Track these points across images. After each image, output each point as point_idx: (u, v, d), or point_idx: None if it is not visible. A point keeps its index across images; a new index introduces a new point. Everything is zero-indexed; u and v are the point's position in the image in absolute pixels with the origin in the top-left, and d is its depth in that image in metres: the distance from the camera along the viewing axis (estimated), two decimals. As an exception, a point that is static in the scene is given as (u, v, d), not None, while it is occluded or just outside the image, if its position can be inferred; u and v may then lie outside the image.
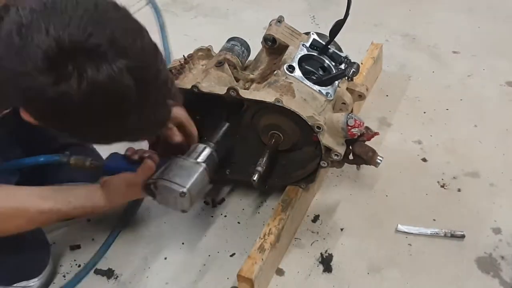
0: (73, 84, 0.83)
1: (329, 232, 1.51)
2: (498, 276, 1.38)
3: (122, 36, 0.85)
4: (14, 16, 0.85)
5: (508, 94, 1.93)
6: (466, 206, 1.56)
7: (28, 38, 0.82)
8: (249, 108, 1.38)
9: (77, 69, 0.82)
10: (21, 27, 0.84)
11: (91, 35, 0.82)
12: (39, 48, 0.82)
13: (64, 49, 0.82)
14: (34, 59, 0.82)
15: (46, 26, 0.82)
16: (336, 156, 1.35)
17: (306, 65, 1.46)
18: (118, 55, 0.84)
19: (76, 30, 0.82)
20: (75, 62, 0.82)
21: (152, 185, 1.21)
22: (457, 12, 2.35)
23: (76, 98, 0.83)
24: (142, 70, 0.87)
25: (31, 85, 0.84)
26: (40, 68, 0.82)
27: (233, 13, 2.47)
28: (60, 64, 0.82)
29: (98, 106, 0.86)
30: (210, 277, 1.42)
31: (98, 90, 0.84)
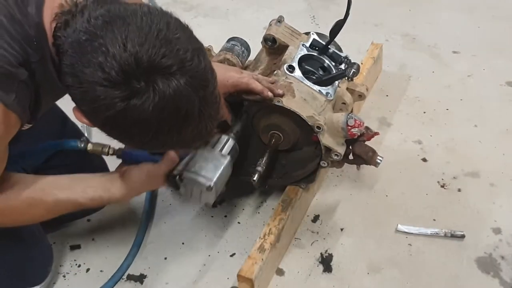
0: (145, 100, 0.87)
1: (329, 232, 1.51)
2: (498, 276, 1.38)
3: (189, 56, 0.89)
4: (84, 24, 0.89)
5: (508, 94, 1.94)
6: (466, 206, 1.56)
7: (102, 48, 0.85)
8: (249, 108, 1.38)
9: (150, 85, 0.86)
10: (94, 37, 0.86)
11: (165, 55, 0.86)
12: (115, 61, 0.85)
13: (141, 65, 0.85)
14: (109, 71, 0.85)
15: (123, 39, 0.85)
16: (336, 156, 1.35)
17: (306, 65, 1.46)
18: (185, 74, 0.88)
19: (152, 49, 0.86)
20: (148, 79, 0.86)
21: (178, 177, 1.17)
22: (457, 12, 2.35)
23: (144, 113, 0.88)
24: (203, 87, 0.92)
25: (101, 95, 0.87)
26: (114, 80, 0.86)
27: (233, 13, 2.47)
28: (135, 79, 0.86)
29: (162, 120, 0.90)
30: (210, 277, 1.42)
31: (166, 105, 0.88)
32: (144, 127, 0.91)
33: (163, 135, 0.94)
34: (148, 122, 0.90)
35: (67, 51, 0.90)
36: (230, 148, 1.25)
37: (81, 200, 1.16)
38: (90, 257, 1.47)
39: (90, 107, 0.91)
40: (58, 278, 1.43)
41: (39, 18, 0.95)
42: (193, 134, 0.96)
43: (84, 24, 0.89)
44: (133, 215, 1.58)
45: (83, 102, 0.92)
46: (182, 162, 1.20)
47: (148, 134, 0.93)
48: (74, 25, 0.91)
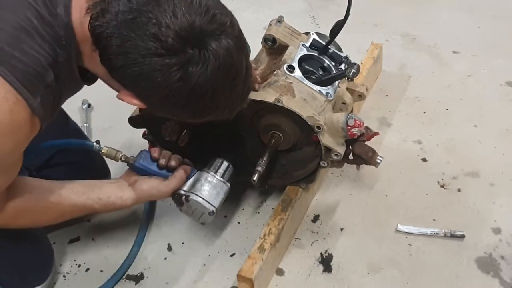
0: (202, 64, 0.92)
1: (329, 232, 1.51)
2: (498, 276, 1.38)
3: (229, 20, 0.97)
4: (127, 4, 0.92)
5: (508, 94, 1.93)
6: (466, 206, 1.56)
7: (153, 20, 0.89)
8: (249, 108, 1.38)
9: (204, 49, 0.92)
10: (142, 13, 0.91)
11: (211, 21, 0.93)
12: (169, 28, 0.89)
13: (194, 31, 0.91)
14: (165, 39, 0.89)
15: (173, 10, 0.90)
16: (336, 156, 1.35)
17: (306, 65, 1.46)
18: (229, 35, 0.95)
19: (200, 16, 0.92)
20: (201, 44, 0.92)
21: (184, 197, 1.26)
22: (457, 12, 2.35)
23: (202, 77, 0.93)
24: (245, 47, 1.00)
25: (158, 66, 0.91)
26: (171, 47, 0.90)
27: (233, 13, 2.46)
28: (189, 46, 0.91)
29: (217, 79, 0.96)
30: (210, 277, 1.43)
31: (220, 64, 0.94)
32: (201, 93, 0.96)
33: (217, 97, 0.98)
34: (205, 86, 0.95)
35: (114, 34, 0.92)
36: (230, 175, 1.33)
37: (95, 206, 1.22)
38: (90, 257, 1.48)
39: (146, 83, 0.94)
40: (58, 278, 1.43)
41: (67, 18, 0.96)
42: (240, 94, 1.03)
43: (127, 5, 0.92)
44: (133, 215, 1.58)
45: (138, 80, 0.94)
46: (188, 182, 1.28)
47: (204, 98, 0.97)
48: (113, 9, 0.93)
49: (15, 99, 0.90)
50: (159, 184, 1.25)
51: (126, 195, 1.24)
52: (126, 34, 0.91)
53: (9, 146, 0.95)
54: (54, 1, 0.96)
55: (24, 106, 0.92)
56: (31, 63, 0.92)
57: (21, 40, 0.91)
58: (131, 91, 0.99)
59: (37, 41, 0.93)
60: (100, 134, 1.85)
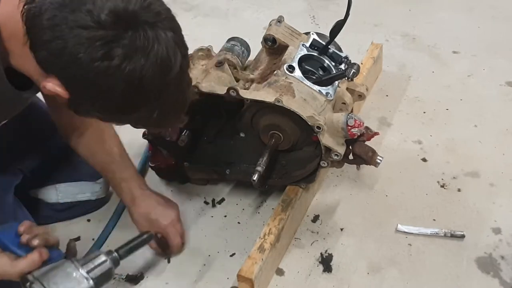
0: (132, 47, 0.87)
1: (329, 232, 1.51)
2: (498, 276, 1.38)
3: (163, 12, 0.92)
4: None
5: (508, 94, 1.93)
6: (466, 206, 1.56)
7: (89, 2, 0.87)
8: (249, 108, 1.38)
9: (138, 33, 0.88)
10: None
11: (145, 7, 0.89)
12: (104, 5, 0.86)
13: (129, 11, 0.87)
14: (98, 14, 0.86)
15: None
16: (336, 156, 1.35)
17: (306, 65, 1.46)
18: (168, 28, 0.91)
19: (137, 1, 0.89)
20: (135, 27, 0.88)
21: (29, 283, 1.09)
22: (457, 12, 2.35)
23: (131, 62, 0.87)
24: (184, 46, 0.95)
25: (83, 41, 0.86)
26: (103, 22, 0.86)
27: (233, 13, 2.47)
28: (123, 23, 0.87)
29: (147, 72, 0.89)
30: (210, 277, 1.43)
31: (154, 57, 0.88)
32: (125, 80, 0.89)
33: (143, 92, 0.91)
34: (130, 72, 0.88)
35: (46, 11, 0.88)
36: (100, 272, 1.12)
37: None
38: (90, 257, 1.47)
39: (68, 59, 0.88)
40: (58, 278, 1.43)
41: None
42: (172, 98, 0.96)
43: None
44: (133, 215, 1.57)
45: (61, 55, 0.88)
46: (44, 268, 1.10)
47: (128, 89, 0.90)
48: None
49: None
50: (8, 262, 1.09)
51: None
52: (58, 8, 0.87)
53: None
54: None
55: None
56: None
57: None
58: (54, 73, 0.91)
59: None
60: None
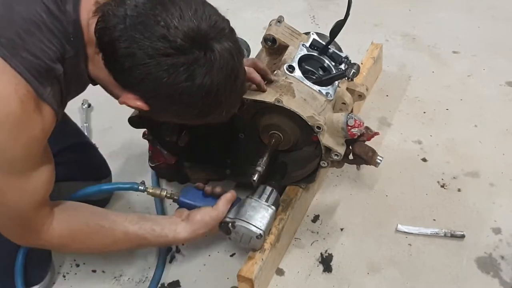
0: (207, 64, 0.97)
1: (329, 232, 1.51)
2: (498, 276, 1.38)
3: (227, 26, 1.02)
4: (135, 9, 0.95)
5: (508, 94, 1.93)
6: (466, 206, 1.56)
7: (162, 23, 0.93)
8: (249, 108, 1.38)
9: (208, 50, 0.97)
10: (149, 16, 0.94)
11: (212, 25, 0.98)
12: (178, 29, 0.93)
13: (201, 31, 0.96)
14: (174, 39, 0.93)
15: (180, 14, 0.94)
16: (336, 156, 1.35)
17: (306, 65, 1.46)
18: (229, 41, 1.01)
19: (203, 20, 0.97)
20: (206, 45, 0.97)
21: (230, 223, 1.28)
22: (457, 12, 2.35)
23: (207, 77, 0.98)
24: (242, 52, 1.06)
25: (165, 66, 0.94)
26: (180, 47, 0.94)
27: (233, 13, 2.47)
28: (198, 44, 0.95)
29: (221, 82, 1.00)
30: (210, 277, 1.43)
31: (224, 69, 0.99)
32: (205, 92, 0.99)
33: (219, 98, 1.03)
34: (210, 86, 0.99)
35: (121, 37, 0.94)
36: (274, 200, 1.35)
37: (148, 236, 1.22)
38: (90, 257, 1.47)
39: (153, 84, 0.96)
40: (58, 278, 1.43)
41: (76, 16, 0.99)
42: (238, 95, 1.11)
43: (134, 9, 0.95)
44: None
45: (144, 81, 0.96)
46: (232, 210, 1.31)
47: (208, 99, 1.01)
48: (120, 13, 0.95)
49: (25, 90, 0.93)
50: (210, 210, 1.28)
51: (180, 227, 1.26)
52: (135, 36, 0.93)
53: (24, 138, 0.95)
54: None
55: (33, 96, 0.94)
56: (41, 56, 0.94)
57: (31, 33, 0.94)
58: (136, 93, 1.01)
59: (46, 35, 0.95)
60: (100, 134, 1.85)
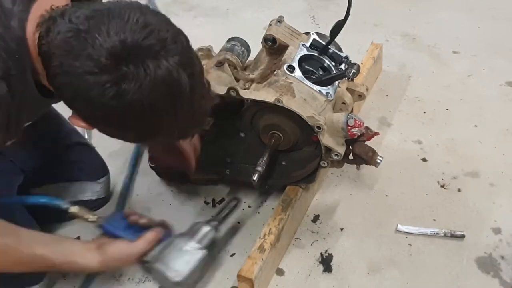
0: (135, 82, 0.90)
1: (329, 232, 1.51)
2: (498, 276, 1.38)
3: (170, 36, 0.93)
4: (67, 24, 0.92)
5: (508, 94, 1.93)
6: (466, 206, 1.56)
7: (89, 41, 0.89)
8: (249, 108, 1.38)
9: (138, 67, 0.90)
10: (79, 33, 0.90)
11: (147, 37, 0.91)
12: (102, 47, 0.88)
13: (126, 48, 0.89)
14: (98, 58, 0.88)
15: (107, 29, 0.89)
16: (336, 156, 1.35)
17: (306, 65, 1.46)
18: (170, 53, 0.92)
19: (135, 33, 0.90)
20: (136, 61, 0.90)
21: (147, 264, 1.18)
22: (457, 12, 2.35)
23: (136, 95, 0.90)
24: (191, 65, 0.96)
25: (92, 85, 0.89)
26: (104, 66, 0.89)
27: (233, 13, 2.47)
28: (123, 63, 0.89)
29: (154, 100, 0.92)
30: (210, 277, 1.42)
31: (156, 85, 0.91)
32: (138, 112, 0.93)
33: (158, 118, 0.95)
34: (141, 105, 0.91)
35: (54, 53, 0.92)
36: (208, 241, 1.25)
37: (55, 261, 1.15)
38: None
39: (83, 103, 0.93)
40: (58, 278, 1.43)
41: (21, 32, 0.96)
42: (188, 116, 0.99)
43: (67, 24, 0.92)
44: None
45: (76, 100, 0.94)
46: (157, 248, 1.19)
47: (144, 119, 0.94)
48: (57, 28, 0.92)
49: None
50: (126, 246, 1.18)
51: (91, 256, 1.17)
52: (64, 54, 0.91)
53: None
54: (8, 14, 0.95)
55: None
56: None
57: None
58: (75, 112, 0.99)
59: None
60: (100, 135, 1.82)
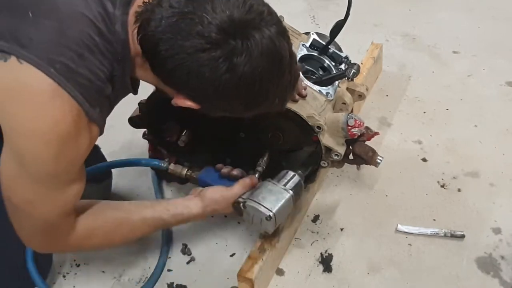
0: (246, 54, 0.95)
1: (329, 232, 1.51)
2: (498, 276, 1.38)
3: (266, 10, 0.99)
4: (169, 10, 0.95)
5: (508, 94, 1.93)
6: (466, 206, 1.56)
7: (196, 20, 0.93)
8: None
9: (246, 39, 0.95)
10: (185, 14, 0.94)
11: (248, 11, 0.96)
12: (211, 24, 0.93)
13: (235, 22, 0.94)
14: (208, 34, 0.93)
15: (212, 7, 0.94)
16: (336, 156, 1.35)
17: (306, 65, 1.46)
18: (270, 24, 0.98)
19: (238, 8, 0.95)
20: (243, 34, 0.95)
21: (242, 203, 1.26)
22: (457, 12, 2.35)
23: (247, 66, 0.95)
24: (286, 33, 1.03)
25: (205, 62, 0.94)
26: (216, 41, 0.93)
27: (233, 13, 2.47)
28: (232, 37, 0.94)
29: (263, 68, 0.97)
30: (210, 277, 1.43)
31: (266, 54, 0.96)
32: (249, 82, 0.98)
33: (266, 86, 1.01)
34: (252, 75, 0.97)
35: (161, 40, 0.95)
36: (294, 184, 1.29)
37: (164, 217, 1.25)
38: (90, 257, 1.47)
39: (196, 81, 0.97)
40: (58, 278, 1.43)
41: (125, 35, 1.01)
42: (288, 81, 1.05)
43: (169, 10, 0.95)
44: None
45: (188, 79, 0.97)
46: (248, 192, 1.29)
47: (254, 88, 1.00)
48: (157, 16, 0.96)
49: (77, 111, 0.97)
50: (223, 189, 1.28)
51: (192, 204, 1.27)
52: (172, 37, 0.94)
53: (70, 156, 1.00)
54: (112, 19, 1.00)
55: (84, 117, 0.99)
56: (93, 78, 0.98)
57: (84, 57, 0.97)
58: (184, 93, 1.03)
59: (98, 58, 0.99)
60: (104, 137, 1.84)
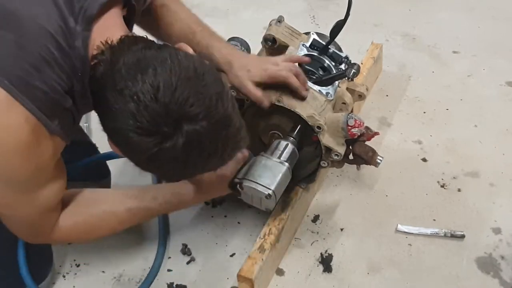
0: (175, 142, 0.93)
1: (329, 232, 1.51)
2: (498, 276, 1.38)
3: (214, 102, 0.95)
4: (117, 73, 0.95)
5: (508, 94, 1.93)
6: (466, 206, 1.56)
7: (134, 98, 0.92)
8: (249, 108, 1.38)
9: (178, 130, 0.93)
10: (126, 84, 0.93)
11: (193, 105, 0.93)
12: (146, 111, 0.92)
13: (171, 115, 0.92)
14: (141, 120, 0.92)
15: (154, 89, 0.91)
16: (336, 156, 1.35)
17: (306, 65, 1.46)
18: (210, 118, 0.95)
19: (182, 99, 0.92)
20: (177, 125, 0.93)
21: (238, 184, 1.24)
22: (457, 12, 2.35)
23: (174, 152, 0.94)
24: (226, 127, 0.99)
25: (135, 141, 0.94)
26: (147, 129, 0.92)
27: (233, 13, 2.47)
28: (165, 126, 0.92)
29: (189, 157, 0.97)
30: (210, 277, 1.43)
31: (192, 146, 0.95)
32: (174, 164, 0.98)
33: (191, 168, 1.01)
34: (177, 160, 0.96)
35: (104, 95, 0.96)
36: (288, 155, 1.28)
37: (151, 206, 1.22)
38: (90, 257, 1.48)
39: (124, 148, 0.99)
40: (58, 278, 1.43)
41: (85, 52, 1.01)
42: (218, 163, 1.05)
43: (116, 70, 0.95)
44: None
45: (118, 143, 1.00)
46: (243, 169, 1.26)
47: (177, 169, 1.00)
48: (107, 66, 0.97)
49: (34, 122, 0.97)
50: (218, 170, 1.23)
51: (185, 190, 1.24)
52: (110, 100, 0.95)
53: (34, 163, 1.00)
54: (73, 34, 1.01)
55: (43, 128, 0.99)
56: (49, 91, 0.98)
57: (41, 71, 0.97)
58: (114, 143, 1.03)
59: (56, 71, 0.99)
60: (101, 134, 1.82)
